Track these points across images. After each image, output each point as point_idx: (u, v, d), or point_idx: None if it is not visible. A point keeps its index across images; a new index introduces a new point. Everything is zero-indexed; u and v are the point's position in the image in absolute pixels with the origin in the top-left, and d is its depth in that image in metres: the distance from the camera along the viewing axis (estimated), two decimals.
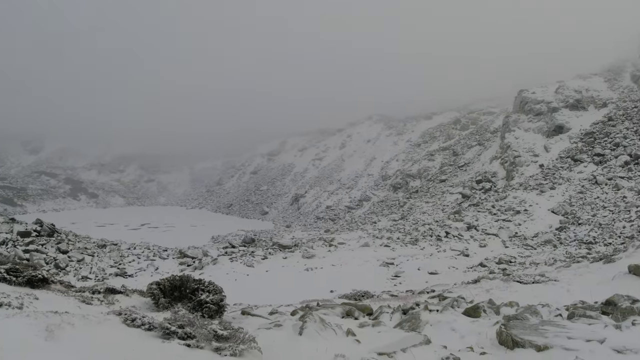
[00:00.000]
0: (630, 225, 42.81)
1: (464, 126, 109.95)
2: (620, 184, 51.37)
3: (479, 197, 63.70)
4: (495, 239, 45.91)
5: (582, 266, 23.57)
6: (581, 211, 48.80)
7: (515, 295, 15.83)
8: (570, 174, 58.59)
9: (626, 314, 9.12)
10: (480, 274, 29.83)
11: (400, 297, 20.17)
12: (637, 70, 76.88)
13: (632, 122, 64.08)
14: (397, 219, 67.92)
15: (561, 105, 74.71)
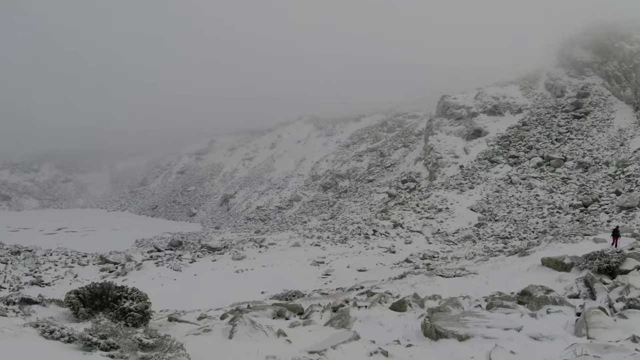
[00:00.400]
0: (543, 221, 46.55)
1: (391, 128, 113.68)
2: (533, 184, 55.67)
3: (405, 196, 66.17)
4: (419, 235, 47.95)
5: (499, 259, 25.19)
6: (498, 208, 52.26)
7: (438, 289, 16.55)
8: (487, 174, 62.54)
9: (541, 303, 9.86)
10: (406, 270, 30.93)
11: (331, 295, 20.44)
12: (551, 80, 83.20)
13: (545, 127, 69.62)
14: (327, 219, 68.88)
15: (480, 111, 79.48)
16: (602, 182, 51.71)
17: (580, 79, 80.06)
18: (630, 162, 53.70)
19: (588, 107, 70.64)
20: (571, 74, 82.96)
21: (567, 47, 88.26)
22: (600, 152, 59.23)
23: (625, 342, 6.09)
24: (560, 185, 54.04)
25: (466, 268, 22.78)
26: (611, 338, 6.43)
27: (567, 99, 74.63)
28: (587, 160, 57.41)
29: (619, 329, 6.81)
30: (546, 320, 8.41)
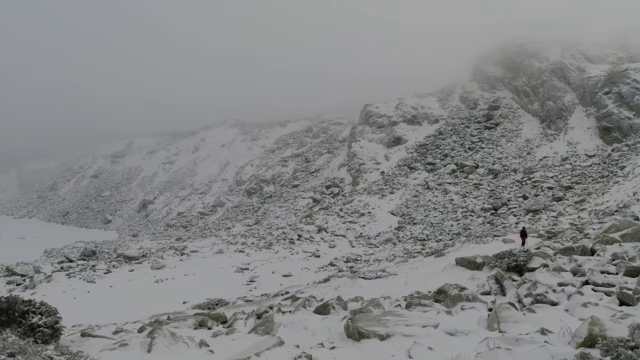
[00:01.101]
0: (457, 223, 49.32)
1: (316, 134, 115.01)
2: (448, 189, 58.97)
3: (329, 201, 67.13)
4: (343, 239, 48.79)
5: (417, 260, 26.20)
6: (416, 212, 54.60)
7: (360, 291, 16.86)
8: (406, 180, 65.23)
9: (455, 300, 10.33)
10: (330, 273, 31.27)
11: (255, 302, 20.14)
12: (465, 93, 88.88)
13: (459, 136, 74.20)
14: (252, 224, 68.00)
15: (400, 120, 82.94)
16: (511, 188, 55.90)
17: (492, 93, 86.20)
18: (536, 169, 58.64)
19: (498, 119, 76.20)
20: (484, 87, 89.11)
21: (481, 63, 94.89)
22: (509, 160, 63.99)
23: (535, 335, 6.50)
24: (472, 191, 57.64)
25: (387, 269, 23.44)
26: (521, 331, 6.84)
27: (480, 111, 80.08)
28: (497, 168, 61.82)
29: (528, 322, 7.27)
30: (461, 317, 8.79)
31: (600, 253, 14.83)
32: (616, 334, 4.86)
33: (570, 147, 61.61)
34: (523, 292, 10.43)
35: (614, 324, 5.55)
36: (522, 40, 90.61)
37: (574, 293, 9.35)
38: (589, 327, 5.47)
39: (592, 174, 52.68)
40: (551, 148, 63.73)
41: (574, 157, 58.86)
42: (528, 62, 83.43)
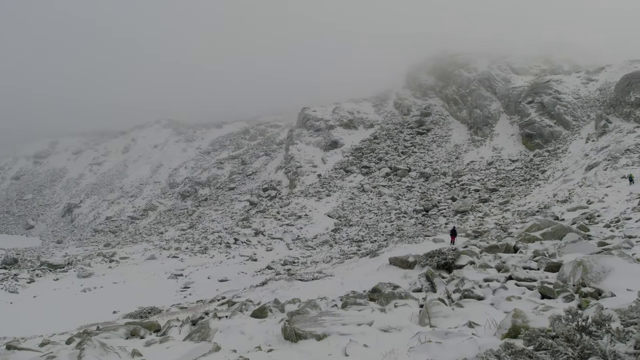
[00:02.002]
0: (391, 224, 50.75)
1: (253, 137, 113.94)
2: (383, 191, 60.60)
3: (266, 204, 66.75)
4: (280, 242, 48.66)
5: (353, 261, 26.64)
6: (352, 214, 55.59)
7: (298, 293, 16.89)
8: (343, 183, 66.27)
9: (389, 298, 10.61)
10: (267, 277, 31.02)
11: (190, 309, 19.63)
12: (399, 99, 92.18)
13: (393, 140, 76.58)
14: (186, 228, 66.09)
15: (337, 124, 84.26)
16: (441, 190, 58.37)
17: (424, 100, 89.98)
18: (464, 172, 61.67)
19: (430, 125, 79.54)
20: (417, 95, 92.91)
21: (414, 72, 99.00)
22: (439, 164, 66.82)
23: (463, 328, 6.83)
24: (405, 193, 59.59)
25: (324, 271, 23.64)
26: (450, 325, 7.16)
27: (413, 117, 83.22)
28: (428, 171, 64.37)
29: (457, 316, 7.62)
30: (394, 314, 9.04)
31: (522, 250, 15.86)
32: (538, 325, 5.19)
33: (496, 152, 65.44)
34: (452, 288, 10.94)
35: (536, 316, 5.95)
36: (453, 51, 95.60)
37: (499, 288, 9.93)
38: (513, 319, 5.83)
39: (516, 177, 56.21)
40: (478, 153, 67.36)
41: (498, 162, 62.54)
42: (458, 72, 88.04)
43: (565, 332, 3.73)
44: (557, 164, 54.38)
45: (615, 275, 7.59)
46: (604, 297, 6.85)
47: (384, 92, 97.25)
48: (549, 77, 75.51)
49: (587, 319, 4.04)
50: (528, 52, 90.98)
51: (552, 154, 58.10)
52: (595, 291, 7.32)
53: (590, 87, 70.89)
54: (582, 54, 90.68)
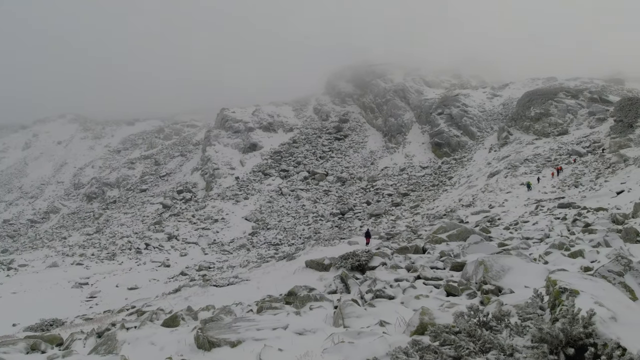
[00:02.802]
0: (308, 227, 51.20)
1: (168, 136, 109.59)
2: (301, 195, 61.06)
3: (180, 207, 64.38)
4: (195, 247, 47.15)
5: (270, 265, 26.47)
6: (270, 218, 55.36)
7: (212, 299, 16.41)
8: (261, 186, 65.84)
9: (304, 301, 10.62)
10: (181, 283, 29.92)
11: (96, 320, 18.36)
12: (319, 105, 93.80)
13: (311, 145, 77.59)
14: (92, 233, 61.78)
15: (257, 126, 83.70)
16: (356, 194, 60.05)
17: (343, 107, 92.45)
18: (378, 177, 64.00)
19: (347, 131, 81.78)
20: (335, 102, 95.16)
21: (334, 79, 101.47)
22: (355, 169, 68.77)
23: (375, 327, 7.00)
24: (322, 197, 60.55)
25: (240, 276, 23.26)
26: (363, 325, 7.30)
27: (331, 122, 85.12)
28: (344, 176, 65.98)
29: (370, 316, 7.79)
30: (309, 316, 9.06)
31: (430, 251, 16.72)
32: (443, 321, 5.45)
33: (408, 159, 68.77)
34: (365, 289, 11.21)
35: (441, 313, 6.25)
36: (372, 61, 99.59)
37: (408, 287, 10.35)
38: (420, 316, 6.08)
39: (425, 183, 59.35)
40: (391, 159, 70.36)
41: (410, 168, 65.76)
42: (375, 81, 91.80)
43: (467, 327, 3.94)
44: (462, 171, 58.25)
45: (513, 274, 8.21)
46: (503, 294, 7.38)
47: (305, 97, 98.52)
48: (458, 91, 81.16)
49: (487, 314, 4.30)
50: (440, 67, 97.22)
51: (459, 162, 62.15)
52: (495, 288, 7.86)
53: (494, 102, 77.03)
54: (488, 71, 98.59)
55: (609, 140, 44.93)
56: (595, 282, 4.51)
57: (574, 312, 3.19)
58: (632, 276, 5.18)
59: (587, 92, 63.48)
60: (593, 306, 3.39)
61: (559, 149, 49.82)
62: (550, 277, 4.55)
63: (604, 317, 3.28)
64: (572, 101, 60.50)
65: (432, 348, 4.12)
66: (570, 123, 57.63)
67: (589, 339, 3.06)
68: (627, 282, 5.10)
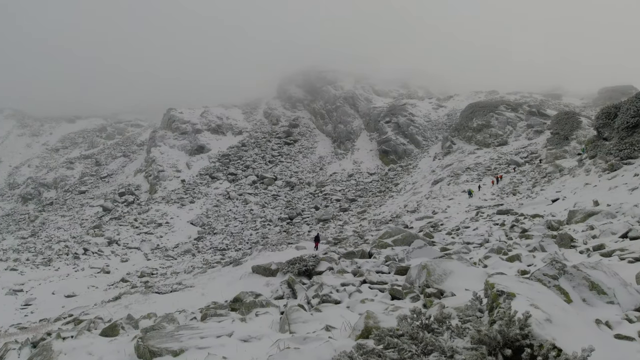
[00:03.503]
0: (256, 232, 50.65)
1: (110, 135, 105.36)
2: (249, 199, 60.38)
3: (122, 210, 61.85)
4: (137, 252, 45.44)
5: (215, 270, 25.97)
6: (216, 222, 54.33)
7: (154, 307, 15.89)
8: (208, 190, 64.56)
9: (250, 307, 10.47)
10: (121, 290, 28.80)
11: (32, 329, 17.36)
12: (269, 109, 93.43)
13: (261, 149, 77.06)
14: (27, 237, 58.07)
15: (205, 128, 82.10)
16: (305, 199, 60.16)
17: (293, 112, 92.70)
18: (327, 183, 64.47)
19: (297, 136, 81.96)
20: (286, 106, 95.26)
21: (285, 83, 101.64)
22: (304, 174, 68.96)
23: (321, 332, 6.99)
24: (271, 201, 60.21)
25: (183, 282, 22.66)
26: (309, 330, 7.28)
27: (281, 127, 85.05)
28: (293, 180, 65.99)
29: (316, 321, 7.78)
30: (255, 323, 8.95)
31: (376, 256, 17.00)
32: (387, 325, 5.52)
33: (356, 166, 69.81)
34: (311, 293, 11.22)
35: (386, 316, 6.33)
36: (323, 68, 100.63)
37: (354, 291, 10.46)
38: (365, 320, 6.14)
39: (372, 189, 60.43)
40: (340, 165, 71.18)
41: (358, 174, 66.77)
42: (326, 88, 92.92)
43: (410, 330, 4.00)
44: (408, 178, 59.81)
45: (454, 277, 8.46)
46: (445, 297, 7.59)
47: (255, 100, 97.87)
48: (405, 101, 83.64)
49: (429, 317, 4.39)
50: (389, 76, 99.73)
51: (405, 169, 63.78)
52: (437, 291, 8.07)
53: (439, 112, 79.98)
54: (434, 82, 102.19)
55: (545, 151, 47.58)
56: (531, 285, 4.72)
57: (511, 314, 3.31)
58: (566, 280, 5.47)
59: (527, 105, 67.23)
60: (529, 308, 3.54)
61: (499, 159, 52.23)
62: (489, 281, 4.72)
63: (539, 319, 3.42)
64: (512, 114, 63.76)
65: (377, 351, 4.15)
66: (510, 134, 60.63)
67: (525, 340, 3.18)
68: (562, 285, 5.38)
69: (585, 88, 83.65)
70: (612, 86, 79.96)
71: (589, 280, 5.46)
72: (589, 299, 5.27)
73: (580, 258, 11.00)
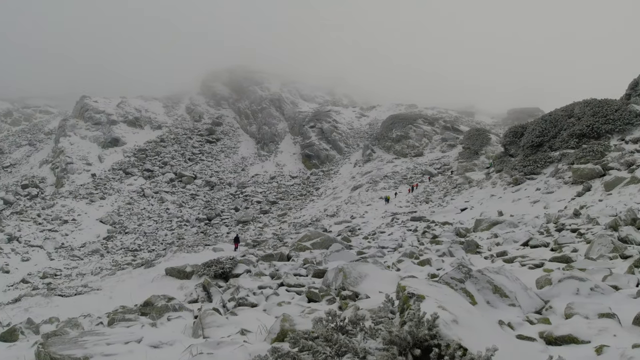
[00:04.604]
0: (172, 233, 48.72)
1: (16, 121, 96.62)
2: (165, 198, 58.00)
3: (24, 204, 56.74)
4: (40, 251, 41.94)
5: (126, 272, 24.68)
6: (129, 221, 51.57)
7: (57, 310, 14.81)
8: (121, 186, 61.12)
9: (162, 311, 10.04)
10: (22, 292, 26.59)
11: None
12: (192, 104, 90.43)
13: (181, 145, 74.40)
14: None
15: (121, 120, 77.68)
16: (225, 200, 59.02)
17: (217, 110, 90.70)
18: (248, 184, 63.74)
19: (220, 135, 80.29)
20: (210, 103, 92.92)
21: (210, 79, 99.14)
22: (225, 174, 67.68)
23: (235, 336, 6.85)
24: (189, 201, 58.36)
25: (89, 284, 21.33)
26: (224, 334, 7.11)
27: (204, 124, 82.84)
28: (213, 180, 64.51)
29: (231, 325, 7.62)
30: (166, 328, 8.62)
31: (295, 259, 17.09)
32: (303, 327, 5.54)
33: (278, 168, 69.83)
34: (227, 297, 11.00)
35: (302, 319, 6.35)
36: (251, 68, 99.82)
37: (271, 294, 10.41)
38: (281, 323, 6.12)
39: (294, 192, 60.73)
40: (262, 167, 70.82)
41: (280, 177, 66.81)
42: (253, 88, 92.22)
43: (324, 332, 4.05)
44: (329, 183, 60.94)
45: (369, 280, 8.71)
46: (360, 299, 7.78)
47: (178, 94, 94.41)
48: (330, 108, 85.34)
49: (344, 319, 4.48)
50: (315, 83, 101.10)
51: (326, 174, 64.91)
52: (353, 294, 8.26)
53: (362, 121, 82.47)
54: (359, 92, 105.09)
55: (457, 163, 50.72)
56: (439, 288, 4.98)
57: (420, 316, 3.47)
58: (471, 283, 5.83)
59: (442, 120, 71.40)
60: (437, 310, 3.72)
61: (415, 169, 54.83)
62: (400, 283, 4.91)
63: (446, 320, 3.61)
64: (429, 127, 67.46)
65: (291, 354, 4.16)
66: (426, 146, 64.00)
67: (433, 340, 3.35)
68: (468, 288, 5.73)
69: (496, 108, 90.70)
70: (520, 107, 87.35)
71: (493, 284, 5.86)
72: (492, 301, 5.65)
73: (485, 263, 11.79)
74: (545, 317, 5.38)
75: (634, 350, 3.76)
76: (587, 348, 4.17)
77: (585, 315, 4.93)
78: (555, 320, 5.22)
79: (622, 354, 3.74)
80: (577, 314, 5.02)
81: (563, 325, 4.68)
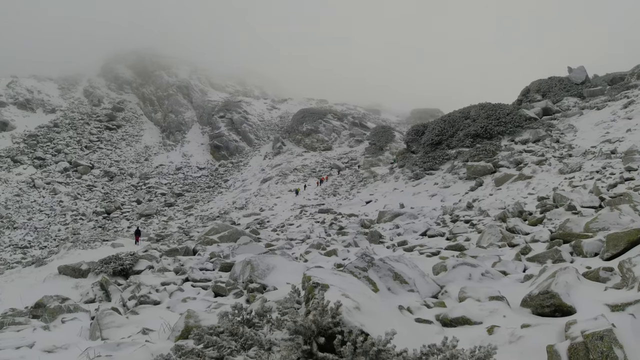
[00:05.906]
0: (66, 228, 44.93)
1: None
2: (58, 189, 53.26)
3: None
4: None
5: (15, 272, 22.65)
6: (17, 215, 46.79)
7: None
8: (8, 175, 55.14)
9: (55, 313, 9.27)
10: None
11: None
12: (91, 87, 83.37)
13: (77, 132, 68.54)
14: None
15: (11, 102, 69.97)
16: (126, 192, 55.70)
17: (119, 94, 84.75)
18: (152, 175, 60.68)
19: (121, 122, 75.31)
20: (111, 87, 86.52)
21: (112, 61, 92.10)
22: (126, 164, 63.76)
23: (137, 336, 6.53)
24: (85, 192, 54.30)
25: None
26: (124, 335, 6.75)
27: (103, 109, 77.14)
28: (113, 170, 60.51)
29: (132, 324, 7.25)
30: (61, 330, 8.05)
31: (201, 253, 16.66)
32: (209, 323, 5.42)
33: (185, 159, 67.31)
34: (127, 295, 10.44)
35: (207, 314, 6.22)
36: (159, 52, 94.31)
37: (176, 290, 10.04)
38: (185, 320, 5.95)
39: (201, 184, 59.01)
40: (168, 157, 67.82)
41: (187, 168, 64.50)
42: (159, 73, 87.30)
43: (230, 326, 4.01)
44: (238, 175, 60.09)
45: (277, 272, 8.77)
46: (268, 291, 7.79)
47: (75, 75, 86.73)
48: (241, 98, 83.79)
49: (251, 312, 4.46)
50: (227, 72, 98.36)
51: (235, 166, 63.90)
52: (261, 286, 8.25)
53: (273, 114, 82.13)
54: (270, 84, 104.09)
55: (363, 158, 52.55)
56: (343, 277, 5.15)
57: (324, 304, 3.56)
58: (374, 271, 6.11)
59: (351, 117, 73.53)
60: (340, 298, 3.85)
61: (324, 162, 55.92)
62: (306, 274, 5.01)
63: (349, 307, 3.75)
64: (338, 123, 69.10)
65: (196, 351, 4.06)
66: (335, 141, 65.51)
67: (337, 328, 3.45)
68: (370, 276, 5.99)
69: (401, 107, 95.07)
70: (422, 108, 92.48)
71: (393, 272, 6.18)
72: (393, 288, 5.96)
73: (387, 252, 12.40)
74: (441, 301, 5.77)
75: (523, 330, 4.15)
76: (480, 328, 4.52)
77: (477, 298, 5.36)
78: (450, 303, 5.63)
79: (512, 333, 4.12)
80: (470, 297, 5.44)
81: (457, 308, 5.04)
